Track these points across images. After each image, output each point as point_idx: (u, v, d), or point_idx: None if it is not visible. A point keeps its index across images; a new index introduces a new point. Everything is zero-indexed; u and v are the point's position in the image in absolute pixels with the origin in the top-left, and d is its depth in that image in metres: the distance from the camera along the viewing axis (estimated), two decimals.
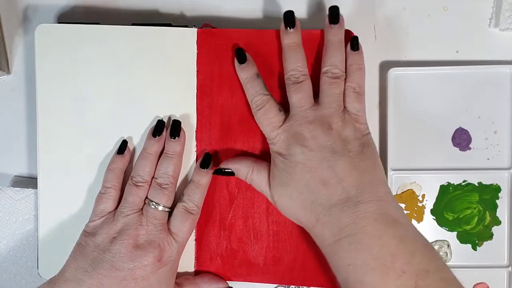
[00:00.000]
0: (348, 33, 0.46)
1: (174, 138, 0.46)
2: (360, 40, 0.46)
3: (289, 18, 0.44)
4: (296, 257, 0.47)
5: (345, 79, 0.44)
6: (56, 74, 0.47)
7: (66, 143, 0.47)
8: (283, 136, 0.43)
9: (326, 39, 0.45)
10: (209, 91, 0.47)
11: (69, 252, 0.44)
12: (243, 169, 0.45)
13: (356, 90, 0.44)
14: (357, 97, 0.44)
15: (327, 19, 0.45)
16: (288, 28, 0.44)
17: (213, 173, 0.46)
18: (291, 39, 0.44)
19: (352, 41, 0.44)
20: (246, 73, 0.45)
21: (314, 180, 0.41)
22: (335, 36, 0.44)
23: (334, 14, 0.44)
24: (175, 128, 0.46)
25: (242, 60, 0.45)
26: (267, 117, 0.44)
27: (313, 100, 0.43)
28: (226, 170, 0.46)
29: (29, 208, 0.50)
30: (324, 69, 0.44)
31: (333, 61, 0.44)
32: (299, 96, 0.43)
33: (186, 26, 0.48)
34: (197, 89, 0.48)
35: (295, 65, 0.44)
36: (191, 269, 0.48)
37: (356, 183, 0.41)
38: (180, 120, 0.46)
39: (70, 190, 0.48)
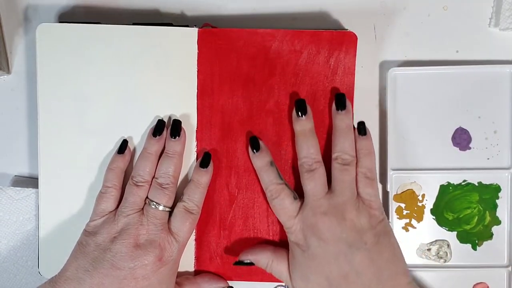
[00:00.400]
0: (349, 34, 0.46)
1: (175, 138, 0.45)
2: (360, 40, 0.46)
3: (301, 105, 0.44)
4: None
5: (356, 163, 0.44)
6: (57, 73, 0.47)
7: (67, 142, 0.47)
8: (299, 226, 0.43)
9: (334, 124, 0.45)
10: (210, 91, 0.47)
11: (70, 251, 0.44)
12: (262, 260, 0.45)
13: (368, 175, 0.44)
14: (369, 182, 0.43)
15: (334, 105, 0.45)
16: (300, 115, 0.44)
17: (234, 264, 0.46)
18: (303, 126, 0.44)
19: (359, 127, 0.45)
20: (260, 162, 0.45)
21: (334, 273, 0.41)
22: (342, 122, 0.45)
23: (341, 101, 0.45)
24: (176, 127, 0.46)
25: (256, 148, 0.45)
26: (283, 207, 0.44)
27: (326, 187, 0.43)
28: (246, 262, 0.45)
29: (29, 207, 0.49)
30: (334, 155, 0.44)
31: (342, 147, 0.44)
32: (312, 185, 0.43)
33: (187, 26, 0.47)
34: (197, 89, 0.47)
35: (308, 152, 0.44)
36: (191, 269, 0.48)
37: (375, 276, 0.41)
38: (181, 120, 0.46)
39: (71, 189, 0.47)
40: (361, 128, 0.45)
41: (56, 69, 0.47)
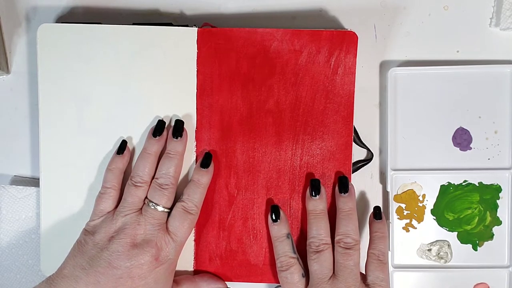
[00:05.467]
0: (350, 34, 0.44)
1: (177, 138, 0.44)
2: (360, 40, 0.45)
3: (315, 185, 0.44)
4: None
5: (369, 245, 0.44)
6: (58, 74, 0.46)
7: (68, 142, 0.46)
8: None
9: (338, 207, 0.44)
10: (209, 91, 0.46)
11: None
12: None
13: (380, 258, 0.43)
14: (380, 265, 0.43)
15: (337, 188, 0.45)
16: (314, 194, 0.43)
17: None
18: (315, 206, 0.44)
19: (374, 211, 0.45)
20: (277, 232, 0.44)
21: None
22: (345, 205, 0.44)
23: (344, 184, 0.44)
24: (178, 128, 0.44)
25: (276, 217, 0.44)
26: (290, 281, 0.43)
27: (331, 270, 0.43)
28: None
29: (31, 206, 0.48)
30: (337, 238, 0.43)
31: (345, 230, 0.43)
32: (317, 267, 0.42)
33: (187, 26, 0.46)
34: (197, 89, 0.46)
35: (317, 232, 0.43)
36: (191, 268, 0.47)
37: None
38: (183, 120, 0.45)
39: (72, 189, 0.46)
40: (377, 213, 0.45)
41: (57, 69, 0.46)
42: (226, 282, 0.46)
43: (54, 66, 0.45)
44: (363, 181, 0.48)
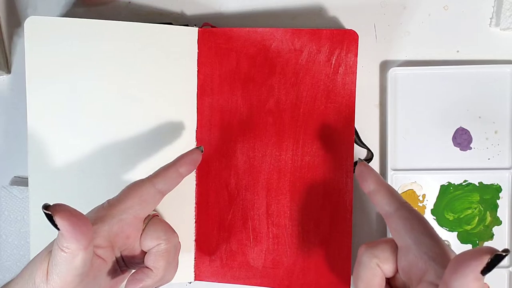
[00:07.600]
0: (350, 32, 0.43)
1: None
2: (360, 40, 0.44)
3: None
4: (296, 261, 0.44)
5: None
6: (47, 71, 0.42)
7: (58, 144, 0.42)
8: None
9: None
10: (210, 91, 0.44)
11: None
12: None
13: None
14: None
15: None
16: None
17: None
18: None
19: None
20: None
21: None
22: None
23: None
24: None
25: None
26: None
27: None
28: None
29: None
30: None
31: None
32: None
33: (187, 25, 0.44)
34: (197, 89, 0.44)
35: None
36: (191, 269, 0.45)
37: None
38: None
39: (62, 193, 0.42)
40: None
41: (47, 66, 0.42)
42: (225, 284, 0.45)
43: (44, 62, 0.42)
44: None
